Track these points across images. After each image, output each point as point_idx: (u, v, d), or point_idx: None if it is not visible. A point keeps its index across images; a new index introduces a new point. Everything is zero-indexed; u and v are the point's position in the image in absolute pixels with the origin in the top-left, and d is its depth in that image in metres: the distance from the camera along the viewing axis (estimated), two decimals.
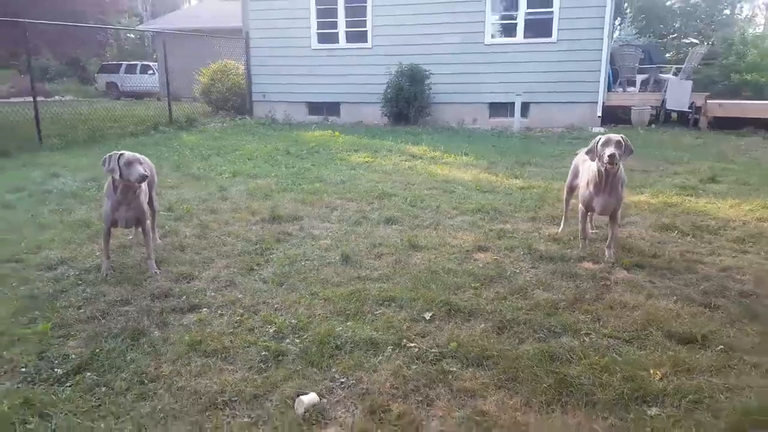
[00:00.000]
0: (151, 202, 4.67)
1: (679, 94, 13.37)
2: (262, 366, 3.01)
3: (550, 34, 13.28)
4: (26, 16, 11.48)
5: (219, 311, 3.67)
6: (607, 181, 4.42)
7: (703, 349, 3.12)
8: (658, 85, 14.66)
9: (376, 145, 10.49)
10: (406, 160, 9.04)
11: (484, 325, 3.42)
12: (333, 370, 2.96)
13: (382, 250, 4.78)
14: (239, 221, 5.65)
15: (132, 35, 36.49)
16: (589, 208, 4.65)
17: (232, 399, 2.72)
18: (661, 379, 2.82)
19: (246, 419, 2.58)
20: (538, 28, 13.40)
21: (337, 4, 14.58)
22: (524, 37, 13.57)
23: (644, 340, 3.24)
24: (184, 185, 7.28)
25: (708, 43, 19.97)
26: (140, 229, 4.51)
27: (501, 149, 10.20)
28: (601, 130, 12.07)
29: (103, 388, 2.80)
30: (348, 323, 3.45)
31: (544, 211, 5.95)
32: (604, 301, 3.75)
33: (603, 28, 12.82)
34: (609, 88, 13.99)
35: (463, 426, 2.52)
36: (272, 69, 15.45)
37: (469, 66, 13.75)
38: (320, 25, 14.92)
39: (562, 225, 5.31)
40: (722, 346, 3.13)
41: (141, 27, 30.06)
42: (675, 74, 15.09)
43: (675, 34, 23.37)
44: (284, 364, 3.01)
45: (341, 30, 14.78)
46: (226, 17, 22.09)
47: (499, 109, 13.93)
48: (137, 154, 4.17)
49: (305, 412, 2.59)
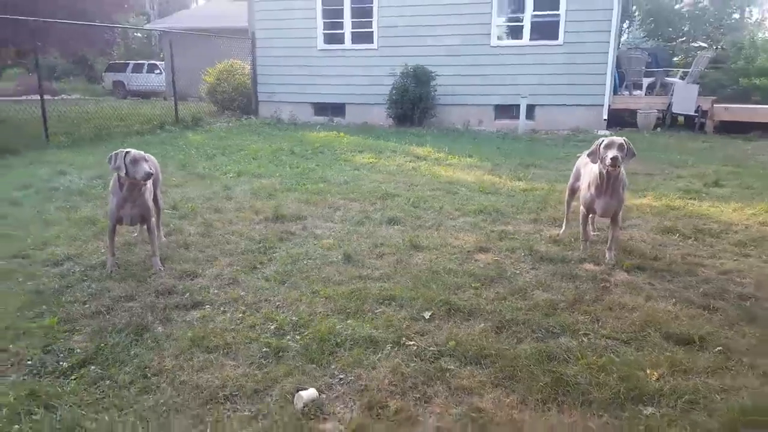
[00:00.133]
0: (155, 200, 4.72)
1: (686, 98, 13.34)
2: (263, 362, 3.05)
3: (556, 37, 13.27)
4: (34, 15, 11.56)
5: (222, 308, 3.72)
6: (609, 184, 4.44)
7: (701, 351, 3.13)
8: (665, 89, 14.65)
9: (380, 146, 10.53)
10: (410, 162, 9.07)
11: (483, 325, 3.45)
12: (332, 367, 3.00)
13: (383, 250, 4.82)
14: (243, 220, 5.70)
15: (139, 34, 36.68)
16: (590, 210, 4.66)
17: (233, 393, 2.76)
18: (657, 379, 2.84)
19: (246, 413, 2.62)
20: (545, 30, 13.39)
21: (343, 5, 14.61)
22: (530, 39, 13.56)
23: (642, 341, 3.26)
24: (189, 184, 7.34)
25: (717, 47, 19.89)
26: (145, 227, 4.57)
27: (505, 151, 10.22)
28: (607, 133, 12.05)
29: (107, 382, 2.85)
30: (348, 321, 3.49)
31: (547, 213, 5.97)
32: (604, 303, 3.77)
33: (609, 31, 12.80)
34: (615, 91, 13.98)
35: (459, 423, 2.55)
36: (278, 69, 15.50)
37: (474, 68, 13.75)
38: (326, 26, 14.97)
39: (564, 227, 5.33)
40: (720, 348, 3.14)
41: (148, 26, 30.19)
42: (682, 78, 15.08)
43: (683, 38, 23.27)
44: (285, 361, 3.05)
45: (347, 31, 14.82)
46: (233, 17, 22.16)
47: (505, 111, 13.94)
48: (143, 152, 4.23)
49: (304, 407, 2.63)
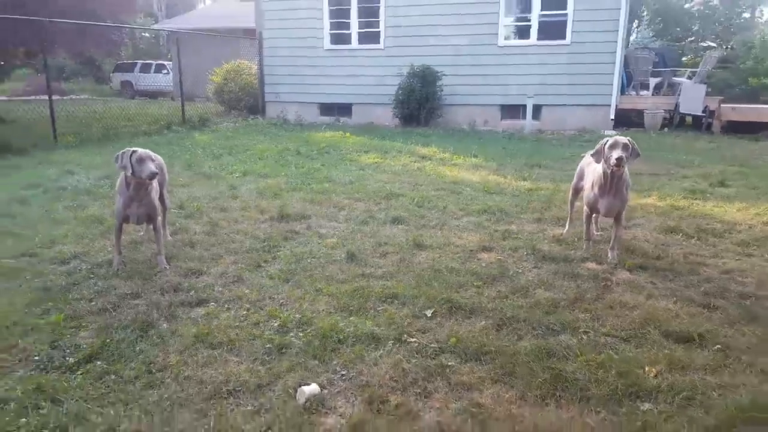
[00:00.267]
0: (162, 200, 4.78)
1: (693, 98, 13.31)
2: (266, 358, 3.09)
3: (563, 37, 13.26)
4: (42, 15, 11.66)
5: (226, 305, 3.77)
6: (613, 183, 4.44)
7: (700, 349, 3.15)
8: (672, 89, 14.62)
9: (386, 146, 10.56)
10: (416, 162, 9.10)
11: (484, 322, 3.48)
12: (334, 363, 3.03)
13: (387, 249, 4.86)
14: (248, 219, 5.75)
15: (147, 35, 36.82)
16: (593, 209, 4.68)
17: (237, 388, 2.81)
18: (655, 376, 2.86)
19: (249, 408, 2.66)
20: (552, 30, 13.38)
21: (350, 5, 14.67)
22: (537, 39, 13.56)
23: (641, 338, 3.28)
24: (196, 184, 7.40)
25: (726, 47, 19.78)
26: (151, 226, 4.61)
27: (511, 151, 10.23)
28: (614, 133, 12.04)
29: (113, 377, 2.90)
30: (351, 318, 3.53)
31: (551, 213, 5.99)
32: (605, 301, 3.79)
33: (617, 31, 12.78)
34: (622, 91, 13.97)
35: (458, 417, 2.59)
36: (285, 69, 15.57)
37: (481, 68, 13.76)
38: (333, 26, 15.03)
39: (567, 226, 5.35)
40: (719, 346, 3.16)
41: (156, 26, 30.33)
42: (689, 78, 15.03)
43: (693, 38, 23.12)
44: (287, 357, 3.09)
45: (354, 31, 14.87)
46: (240, 17, 22.28)
47: (511, 111, 13.94)
48: (149, 152, 4.27)
49: (306, 402, 2.67)
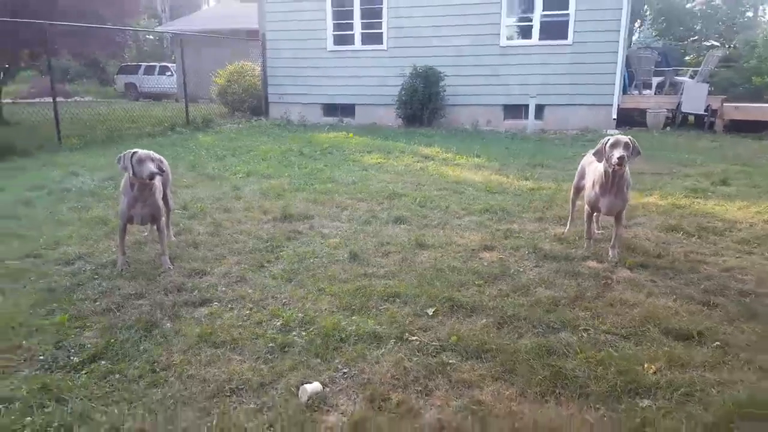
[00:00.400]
0: (165, 200, 4.81)
1: (695, 97, 13.30)
2: (269, 357, 3.12)
3: (565, 37, 13.27)
4: (46, 18, 11.72)
5: (229, 305, 3.80)
6: (614, 182, 4.46)
7: (699, 346, 3.17)
8: (674, 88, 14.61)
9: (388, 147, 10.59)
10: (418, 162, 9.13)
11: (484, 321, 3.50)
12: (336, 361, 3.06)
13: (389, 249, 4.88)
14: (251, 220, 5.78)
15: (151, 36, 36.95)
16: (594, 208, 4.70)
17: (239, 387, 2.84)
18: (654, 373, 2.88)
19: (252, 406, 2.69)
20: (554, 30, 13.39)
21: (353, 7, 14.69)
22: (539, 39, 13.57)
23: (641, 336, 3.30)
24: (199, 185, 7.44)
25: (729, 46, 19.75)
26: (155, 227, 4.65)
27: (513, 151, 10.25)
28: (616, 132, 12.04)
29: (117, 376, 2.94)
30: (353, 317, 3.56)
31: (552, 212, 6.01)
32: (605, 299, 3.81)
33: (619, 31, 12.78)
34: (624, 91, 13.96)
35: (459, 414, 2.61)
36: (288, 71, 15.60)
37: (483, 68, 13.78)
38: (336, 27, 15.06)
39: (569, 225, 5.37)
40: (718, 343, 3.18)
41: (159, 28, 30.47)
42: (691, 77, 15.02)
43: (695, 37, 23.11)
44: (290, 355, 3.12)
45: (357, 32, 14.90)
46: (244, 19, 22.36)
47: (514, 111, 13.95)
48: (150, 152, 4.28)
49: (308, 400, 2.70)
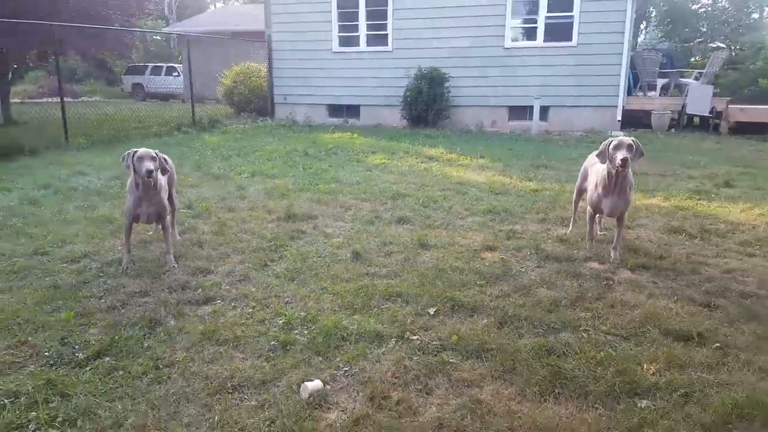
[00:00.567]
0: (171, 199, 4.85)
1: (700, 99, 13.29)
2: (271, 354, 3.15)
3: (570, 38, 13.30)
4: (55, 19, 11.80)
5: (232, 303, 3.83)
6: (617, 184, 4.47)
7: (699, 347, 3.18)
8: (679, 90, 14.59)
9: (393, 147, 10.62)
10: (422, 162, 9.15)
11: (485, 320, 3.53)
12: (338, 360, 3.09)
13: (392, 249, 4.91)
14: (256, 219, 5.82)
15: (158, 37, 37.06)
16: (597, 210, 4.71)
17: (241, 384, 2.87)
18: (654, 373, 2.90)
19: (253, 403, 2.72)
20: (559, 31, 13.42)
21: (358, 8, 14.74)
22: (544, 41, 13.59)
23: (641, 336, 3.32)
24: (204, 184, 7.48)
25: (735, 48, 19.68)
26: (160, 225, 4.69)
27: (517, 152, 10.26)
28: (621, 134, 12.03)
29: (121, 372, 2.97)
30: (354, 316, 3.59)
31: (555, 213, 6.02)
32: (606, 300, 3.83)
33: (623, 32, 12.80)
34: (629, 92, 13.97)
35: (458, 413, 2.63)
36: (294, 72, 15.66)
37: (488, 69, 13.82)
38: (341, 29, 15.11)
39: (571, 226, 5.38)
40: (718, 344, 3.20)
41: (166, 29, 30.55)
42: (696, 79, 15.00)
43: (701, 38, 23.02)
44: (292, 353, 3.15)
45: (362, 33, 14.95)
46: (250, 20, 22.44)
47: (519, 112, 13.98)
48: (150, 151, 4.30)
49: (309, 398, 2.72)
